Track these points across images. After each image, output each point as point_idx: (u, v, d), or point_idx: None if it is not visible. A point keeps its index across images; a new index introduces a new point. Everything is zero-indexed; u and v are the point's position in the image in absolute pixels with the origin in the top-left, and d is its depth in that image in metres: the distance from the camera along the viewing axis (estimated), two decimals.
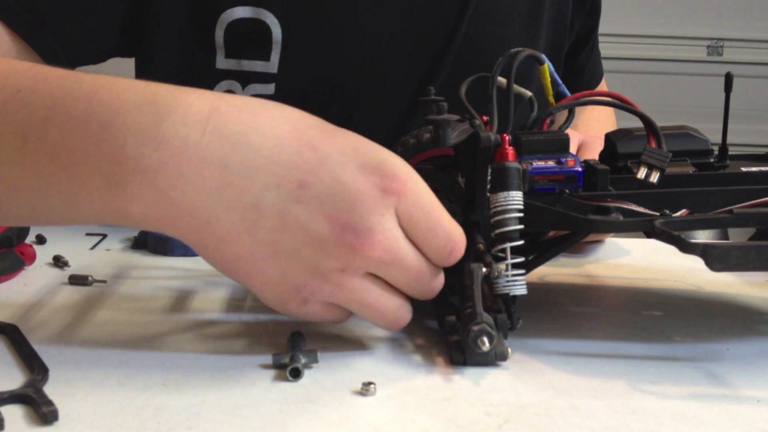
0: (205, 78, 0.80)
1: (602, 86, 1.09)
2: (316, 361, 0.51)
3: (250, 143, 0.49)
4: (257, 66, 0.80)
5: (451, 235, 0.51)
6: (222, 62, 0.80)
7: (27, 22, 0.73)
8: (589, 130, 0.98)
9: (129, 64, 0.86)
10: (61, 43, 0.75)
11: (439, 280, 0.54)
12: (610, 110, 1.05)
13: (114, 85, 0.51)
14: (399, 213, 0.50)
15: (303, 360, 0.50)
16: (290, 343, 0.53)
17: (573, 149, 0.77)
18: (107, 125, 0.49)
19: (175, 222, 0.49)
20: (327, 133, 0.50)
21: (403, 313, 0.53)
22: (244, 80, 0.80)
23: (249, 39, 0.79)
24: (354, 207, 0.48)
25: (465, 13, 0.85)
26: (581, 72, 1.03)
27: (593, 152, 0.70)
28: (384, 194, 0.49)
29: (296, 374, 0.49)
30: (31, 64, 0.56)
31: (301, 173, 0.48)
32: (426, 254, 0.52)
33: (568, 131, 0.74)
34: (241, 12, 0.79)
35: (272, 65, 0.80)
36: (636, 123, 0.58)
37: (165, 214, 0.49)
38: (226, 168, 0.48)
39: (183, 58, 0.81)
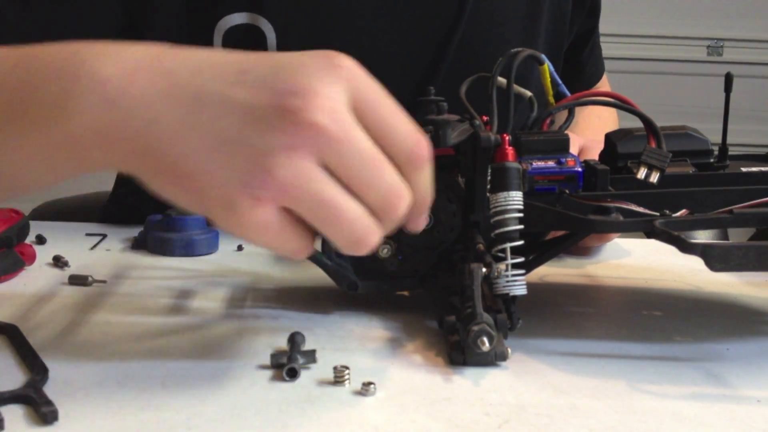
0: None
1: (603, 81, 1.09)
2: (314, 361, 0.51)
3: (201, 57, 0.48)
4: None
5: (413, 128, 0.47)
6: None
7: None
8: (591, 126, 0.98)
9: None
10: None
11: (405, 196, 0.47)
12: (612, 109, 1.05)
13: (85, 42, 0.51)
14: (352, 94, 0.46)
15: (301, 360, 0.50)
16: (289, 343, 0.53)
17: (574, 152, 0.77)
18: (70, 56, 0.49)
19: (119, 128, 0.47)
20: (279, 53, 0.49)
21: (369, 224, 0.47)
22: None
23: (245, 45, 0.79)
24: (295, 73, 0.45)
25: (462, 14, 0.85)
26: (582, 69, 1.03)
27: (593, 157, 0.70)
28: (331, 66, 0.46)
29: (293, 374, 0.49)
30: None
31: (243, 63, 0.47)
32: (388, 150, 0.47)
33: (571, 135, 0.74)
34: (237, 18, 0.79)
35: None
36: (636, 123, 0.58)
37: (109, 120, 0.47)
38: (172, 74, 0.47)
39: None
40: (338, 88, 0.45)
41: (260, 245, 0.47)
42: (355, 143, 0.45)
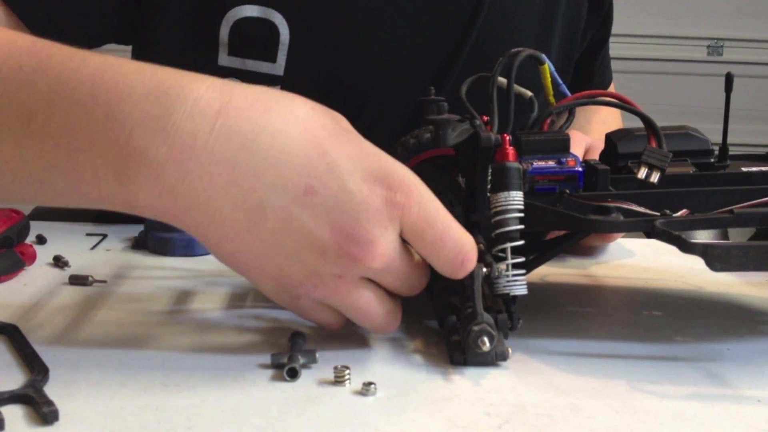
0: (206, 74, 0.80)
1: (611, 90, 1.09)
2: (314, 361, 0.51)
3: (259, 143, 0.48)
4: (262, 67, 0.80)
5: (461, 246, 0.51)
6: (224, 59, 0.79)
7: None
8: (600, 134, 0.98)
9: (125, 52, 0.85)
10: (57, 24, 0.74)
11: (426, 277, 0.54)
12: (617, 114, 1.05)
13: (120, 68, 0.50)
14: (405, 225, 0.50)
15: (301, 360, 0.50)
16: (290, 342, 0.53)
17: (580, 153, 0.77)
18: (113, 113, 0.48)
19: (181, 215, 0.49)
20: (337, 138, 0.50)
21: (393, 318, 0.53)
22: (248, 80, 0.79)
23: (255, 39, 0.79)
24: (358, 218, 0.48)
25: (477, 18, 0.84)
26: (591, 78, 1.02)
27: None
28: (389, 206, 0.49)
29: (293, 374, 0.49)
30: (33, 39, 0.55)
31: (308, 177, 0.48)
32: (436, 266, 0.52)
33: (577, 134, 0.74)
34: (249, 11, 0.78)
35: (278, 67, 0.80)
36: (637, 123, 0.58)
37: (171, 207, 0.49)
38: (233, 167, 0.48)
39: (183, 50, 0.80)
40: (394, 230, 0.50)
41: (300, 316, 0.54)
42: (397, 270, 0.51)
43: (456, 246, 0.51)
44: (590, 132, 0.94)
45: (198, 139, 0.48)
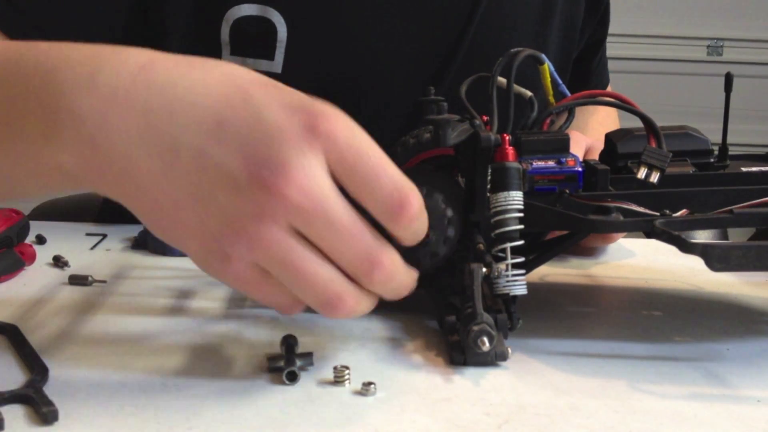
0: None
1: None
2: (311, 363, 0.51)
3: (177, 90, 0.47)
4: (261, 65, 0.80)
5: (398, 183, 0.46)
6: (227, 59, 0.80)
7: (20, 26, 0.73)
8: (598, 136, 0.98)
9: None
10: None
11: (391, 257, 0.47)
12: (614, 116, 1.05)
13: (65, 47, 0.51)
14: (330, 157, 0.45)
15: (298, 363, 0.50)
16: (283, 346, 0.52)
17: (580, 153, 0.77)
18: (48, 79, 0.49)
19: (101, 171, 0.48)
20: (261, 82, 0.47)
21: (342, 289, 0.47)
22: None
23: (254, 37, 0.79)
24: (271, 142, 0.45)
25: (473, 18, 0.84)
26: (588, 78, 1.03)
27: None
28: (309, 132, 0.45)
29: (293, 378, 0.49)
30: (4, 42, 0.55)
31: (220, 112, 0.46)
32: (371, 209, 0.46)
33: (577, 134, 0.74)
34: (247, 9, 0.79)
35: (276, 65, 0.80)
36: (637, 123, 0.58)
37: (91, 162, 0.48)
38: (149, 112, 0.47)
39: (187, 53, 0.80)
40: (314, 159, 0.45)
41: (246, 295, 0.49)
42: (326, 214, 0.45)
43: (392, 183, 0.46)
44: (587, 134, 0.95)
45: (119, 90, 0.47)
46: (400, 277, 0.48)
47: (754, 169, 0.60)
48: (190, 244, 0.48)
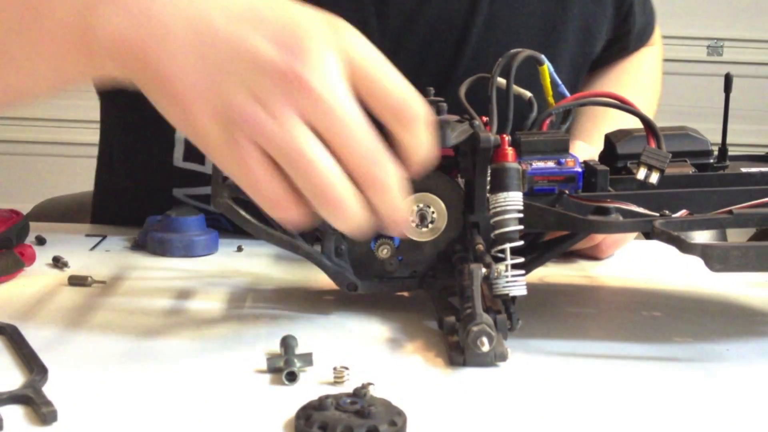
0: None
1: (656, 39, 1.03)
2: (310, 364, 0.51)
3: None
4: None
5: (409, 93, 0.50)
6: None
7: None
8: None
9: None
10: None
11: (394, 168, 0.49)
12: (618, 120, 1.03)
13: None
14: (349, 59, 0.49)
15: (298, 364, 0.50)
16: (283, 347, 0.52)
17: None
18: None
19: (137, 44, 0.49)
20: None
21: (343, 188, 0.49)
22: None
23: None
24: (298, 33, 0.48)
25: (473, 22, 0.83)
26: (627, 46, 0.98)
27: None
28: (332, 31, 0.49)
29: (292, 378, 0.49)
30: None
31: (257, 3, 0.49)
32: (380, 114, 0.49)
33: (585, 145, 0.73)
34: None
35: None
36: (637, 123, 0.58)
37: (129, 36, 0.49)
38: None
39: None
40: (336, 56, 0.48)
41: (249, 191, 0.50)
42: (343, 111, 0.48)
43: (403, 90, 0.49)
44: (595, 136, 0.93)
45: None
46: (396, 193, 0.50)
47: (753, 169, 0.60)
48: (204, 122, 0.49)
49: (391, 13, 0.80)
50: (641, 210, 0.55)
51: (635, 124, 0.58)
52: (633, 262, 0.80)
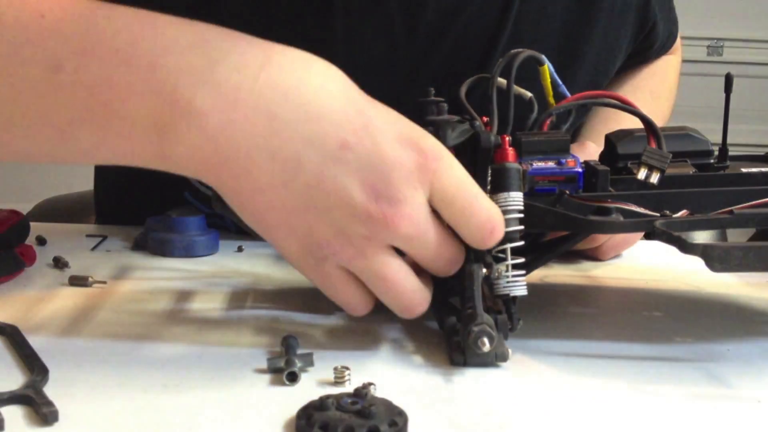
0: None
1: (677, 47, 1.03)
2: (311, 364, 0.51)
3: (301, 95, 0.49)
4: None
5: (490, 213, 0.51)
6: None
7: None
8: (643, 104, 0.93)
9: None
10: None
11: (460, 253, 0.53)
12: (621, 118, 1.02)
13: (155, 18, 0.50)
14: (434, 191, 0.50)
15: (299, 364, 0.50)
16: (283, 347, 0.52)
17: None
18: (157, 64, 0.48)
19: (217, 167, 0.49)
20: (372, 101, 0.51)
21: (420, 298, 0.53)
22: None
23: None
24: (390, 177, 0.49)
25: (498, 40, 0.81)
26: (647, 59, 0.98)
27: None
28: (420, 170, 0.50)
29: (293, 378, 0.49)
30: None
31: (344, 133, 0.49)
32: (464, 235, 0.52)
33: (592, 146, 0.73)
34: None
35: None
36: (637, 123, 0.58)
37: (208, 158, 0.49)
38: (274, 117, 0.48)
39: None
40: (422, 193, 0.50)
41: (326, 294, 0.53)
42: (426, 237, 0.51)
43: (486, 213, 0.51)
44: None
45: (242, 90, 0.48)
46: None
47: (754, 169, 0.60)
48: (290, 245, 0.51)
49: (419, 27, 0.79)
50: (642, 210, 0.55)
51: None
52: (633, 262, 0.80)
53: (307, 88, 0.49)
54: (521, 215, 0.54)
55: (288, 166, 0.49)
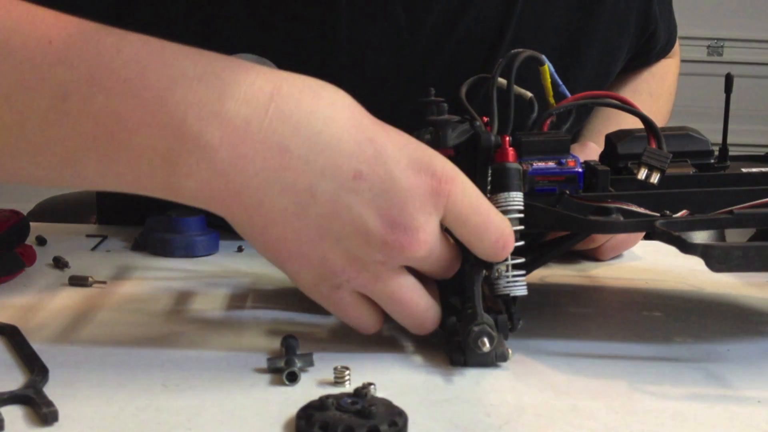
0: None
1: (676, 50, 1.03)
2: (311, 364, 0.51)
3: (311, 127, 0.49)
4: None
5: (502, 229, 0.52)
6: None
7: None
8: (643, 105, 0.93)
9: None
10: None
11: (460, 261, 0.54)
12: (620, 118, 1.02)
13: (164, 48, 0.50)
14: (447, 213, 0.51)
15: (299, 364, 0.50)
16: (284, 347, 0.52)
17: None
18: (165, 95, 0.48)
19: (227, 201, 0.49)
20: (380, 125, 0.51)
21: (433, 315, 0.54)
22: None
23: None
24: (404, 205, 0.49)
25: (501, 42, 0.80)
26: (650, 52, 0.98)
27: None
28: (434, 194, 0.50)
29: (293, 378, 0.49)
30: (54, 12, 0.51)
31: (357, 163, 0.49)
32: (477, 251, 0.52)
33: (594, 148, 0.73)
34: (245, 59, 0.76)
35: None
36: (637, 123, 0.58)
37: (219, 192, 0.49)
38: (285, 150, 0.48)
39: None
40: (437, 217, 0.51)
41: (337, 317, 0.54)
42: (438, 256, 0.52)
43: (498, 230, 0.52)
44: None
45: (252, 124, 0.48)
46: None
47: (754, 170, 0.60)
48: (304, 274, 0.52)
49: (423, 28, 0.79)
50: (642, 210, 0.55)
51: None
52: (633, 262, 0.80)
53: (317, 119, 0.49)
54: (521, 215, 0.54)
55: (301, 198, 0.49)
